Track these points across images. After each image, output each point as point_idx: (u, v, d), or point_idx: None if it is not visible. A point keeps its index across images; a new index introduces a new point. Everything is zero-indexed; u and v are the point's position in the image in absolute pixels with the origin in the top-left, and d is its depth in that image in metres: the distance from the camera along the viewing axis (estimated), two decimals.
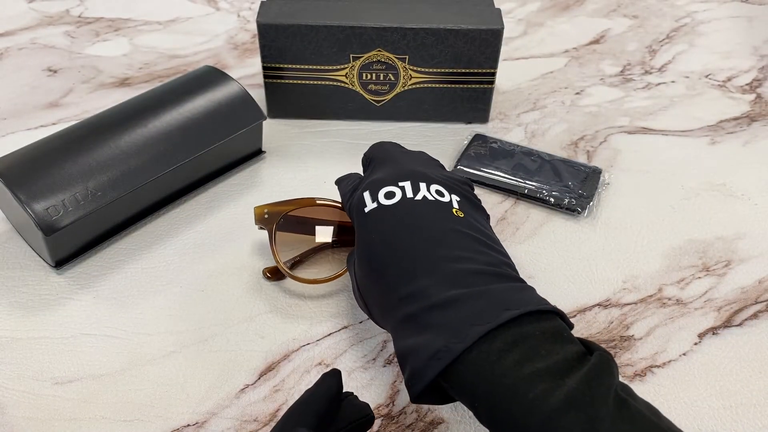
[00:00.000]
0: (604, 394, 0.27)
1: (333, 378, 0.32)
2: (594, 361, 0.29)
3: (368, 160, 0.42)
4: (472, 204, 0.38)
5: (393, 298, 0.34)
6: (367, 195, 0.37)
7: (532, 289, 0.33)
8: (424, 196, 0.36)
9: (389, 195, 0.36)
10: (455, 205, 0.36)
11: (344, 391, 0.33)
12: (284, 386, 0.39)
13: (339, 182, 0.43)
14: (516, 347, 0.29)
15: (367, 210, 0.37)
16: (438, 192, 0.37)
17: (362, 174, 0.42)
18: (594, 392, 0.27)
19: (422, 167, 0.39)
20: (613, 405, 0.27)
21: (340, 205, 0.44)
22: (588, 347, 0.30)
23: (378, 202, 0.36)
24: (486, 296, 0.31)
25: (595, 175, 0.53)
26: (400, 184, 0.37)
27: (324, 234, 0.46)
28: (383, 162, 0.40)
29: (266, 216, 0.44)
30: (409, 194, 0.36)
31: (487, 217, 0.39)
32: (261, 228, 0.44)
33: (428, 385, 0.31)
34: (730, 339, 0.42)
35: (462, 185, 0.39)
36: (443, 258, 0.33)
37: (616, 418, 0.27)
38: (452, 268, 0.33)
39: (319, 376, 0.32)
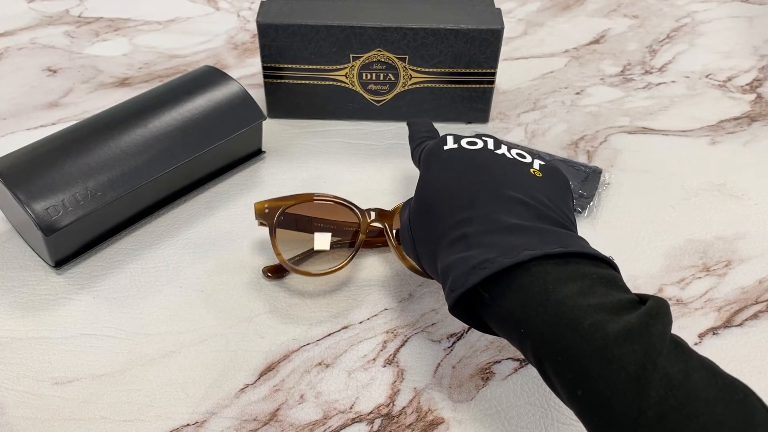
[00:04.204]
0: (662, 332, 0.27)
1: None
2: (651, 304, 0.28)
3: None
4: (557, 178, 0.38)
5: (449, 222, 0.34)
6: (450, 138, 0.40)
7: (588, 243, 0.33)
8: (504, 153, 0.38)
9: (471, 143, 0.39)
10: (535, 166, 0.37)
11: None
12: (284, 386, 0.39)
13: (411, 124, 0.47)
14: (572, 282, 0.29)
15: (446, 148, 0.39)
16: (519, 154, 0.38)
17: (430, 135, 0.45)
18: (652, 329, 0.27)
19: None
20: (670, 343, 0.27)
21: (340, 201, 0.44)
22: (641, 298, 0.30)
23: (459, 145, 0.39)
24: (546, 234, 0.32)
25: (595, 175, 0.53)
26: (484, 138, 0.39)
27: (324, 229, 0.46)
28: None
29: (266, 211, 0.44)
30: (491, 147, 0.38)
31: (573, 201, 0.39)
32: (261, 224, 0.44)
33: (468, 292, 0.31)
34: (730, 339, 0.42)
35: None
36: (510, 197, 0.34)
37: (671, 354, 0.27)
38: (516, 206, 0.34)
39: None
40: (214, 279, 0.45)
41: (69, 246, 0.45)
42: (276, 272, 0.45)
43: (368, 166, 0.55)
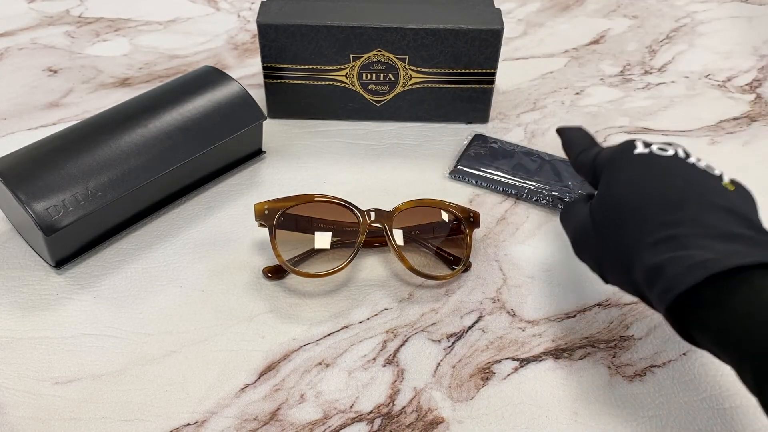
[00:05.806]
0: None
1: None
2: None
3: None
4: (748, 194, 0.37)
5: (653, 222, 0.33)
6: (639, 143, 0.38)
7: None
8: (694, 163, 0.36)
9: (663, 149, 0.37)
10: (725, 179, 0.36)
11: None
12: (284, 386, 0.39)
13: (564, 130, 0.46)
14: None
15: (637, 152, 0.37)
16: (707, 166, 0.37)
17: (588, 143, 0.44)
18: None
19: None
20: None
21: (340, 201, 0.44)
22: None
23: (651, 150, 0.37)
24: (761, 243, 0.31)
25: None
26: (674, 146, 0.38)
27: (324, 231, 0.46)
28: None
29: (266, 212, 0.44)
30: (681, 155, 0.37)
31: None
32: (261, 225, 0.45)
33: (685, 292, 0.30)
34: None
35: None
36: (716, 204, 0.33)
37: None
38: (723, 214, 0.32)
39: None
40: (214, 279, 0.45)
41: (69, 246, 0.45)
42: (276, 273, 0.45)
43: (368, 166, 0.55)
